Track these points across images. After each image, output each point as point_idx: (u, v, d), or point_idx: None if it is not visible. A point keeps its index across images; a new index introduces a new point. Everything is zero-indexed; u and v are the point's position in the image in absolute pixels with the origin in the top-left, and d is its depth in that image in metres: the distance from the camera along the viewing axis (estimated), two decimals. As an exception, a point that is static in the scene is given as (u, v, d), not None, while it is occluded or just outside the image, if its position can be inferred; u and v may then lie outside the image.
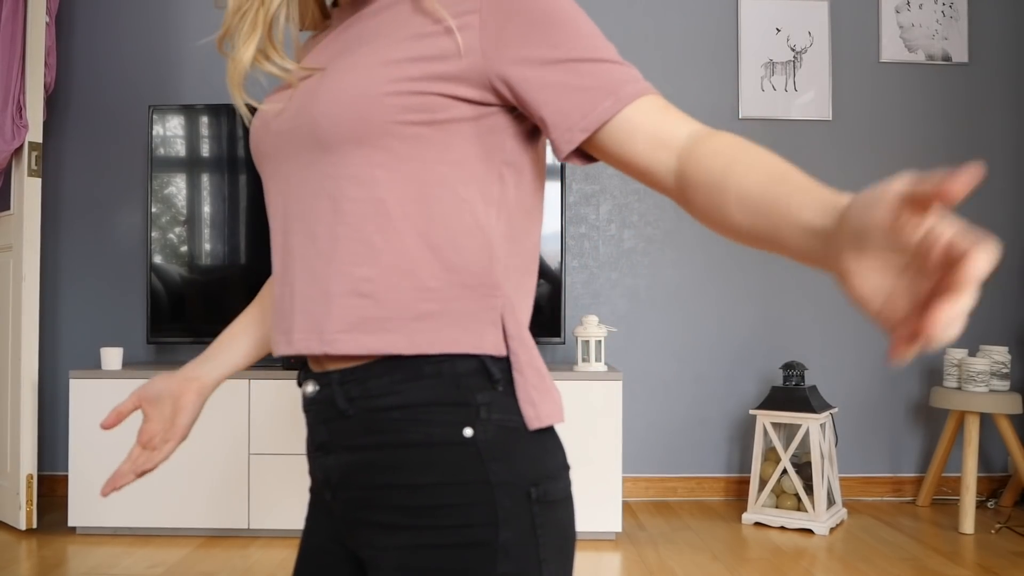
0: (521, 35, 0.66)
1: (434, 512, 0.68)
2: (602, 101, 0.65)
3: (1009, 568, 2.26)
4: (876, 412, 3.11)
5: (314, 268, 0.72)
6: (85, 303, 3.09)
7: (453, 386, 0.69)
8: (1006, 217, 3.15)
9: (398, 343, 0.69)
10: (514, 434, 0.70)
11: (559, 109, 0.66)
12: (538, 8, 0.67)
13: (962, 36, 3.13)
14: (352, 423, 0.72)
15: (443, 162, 0.69)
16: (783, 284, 3.12)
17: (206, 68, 3.11)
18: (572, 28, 0.67)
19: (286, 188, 0.76)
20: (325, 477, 0.75)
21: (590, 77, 0.66)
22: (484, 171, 0.71)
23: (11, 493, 2.60)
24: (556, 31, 0.66)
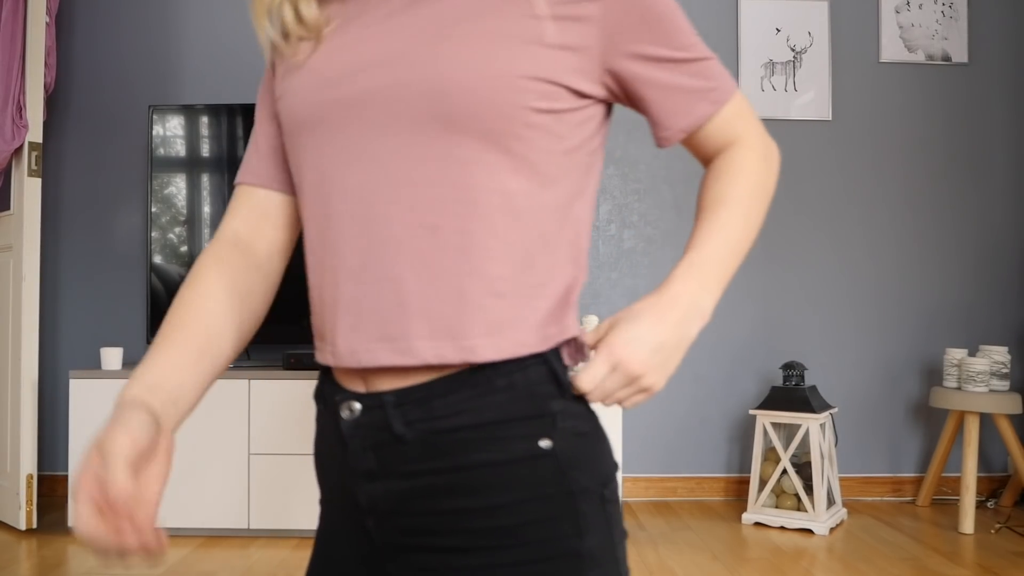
0: (636, 30, 0.67)
1: (515, 531, 0.65)
2: (699, 105, 0.71)
3: (1009, 568, 2.26)
4: (876, 412, 3.11)
5: (438, 265, 0.65)
6: (85, 303, 3.09)
7: (527, 398, 0.66)
8: (1006, 217, 3.15)
9: (529, 341, 0.66)
10: (584, 439, 0.68)
11: (664, 109, 0.70)
12: (649, 2, 0.68)
13: (962, 36, 3.13)
14: (410, 448, 0.66)
15: (558, 153, 0.67)
16: (783, 284, 3.12)
17: (206, 68, 3.11)
18: (678, 24, 0.69)
19: (369, 167, 0.66)
20: (369, 505, 0.69)
21: (693, 78, 0.70)
22: (583, 162, 0.70)
23: (11, 493, 2.60)
24: (665, 27, 0.68)
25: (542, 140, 0.66)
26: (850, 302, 3.13)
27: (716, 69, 0.71)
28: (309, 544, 2.47)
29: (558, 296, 0.68)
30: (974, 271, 3.13)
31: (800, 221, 3.13)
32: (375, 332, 0.66)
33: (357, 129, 0.67)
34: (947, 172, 3.15)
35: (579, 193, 0.70)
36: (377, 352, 0.66)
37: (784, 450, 2.68)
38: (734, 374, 3.09)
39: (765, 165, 0.74)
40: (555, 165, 0.67)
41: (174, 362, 0.69)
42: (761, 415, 2.74)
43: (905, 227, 3.14)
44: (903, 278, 3.13)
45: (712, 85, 0.71)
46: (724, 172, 0.73)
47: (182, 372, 0.69)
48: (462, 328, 0.64)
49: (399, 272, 0.65)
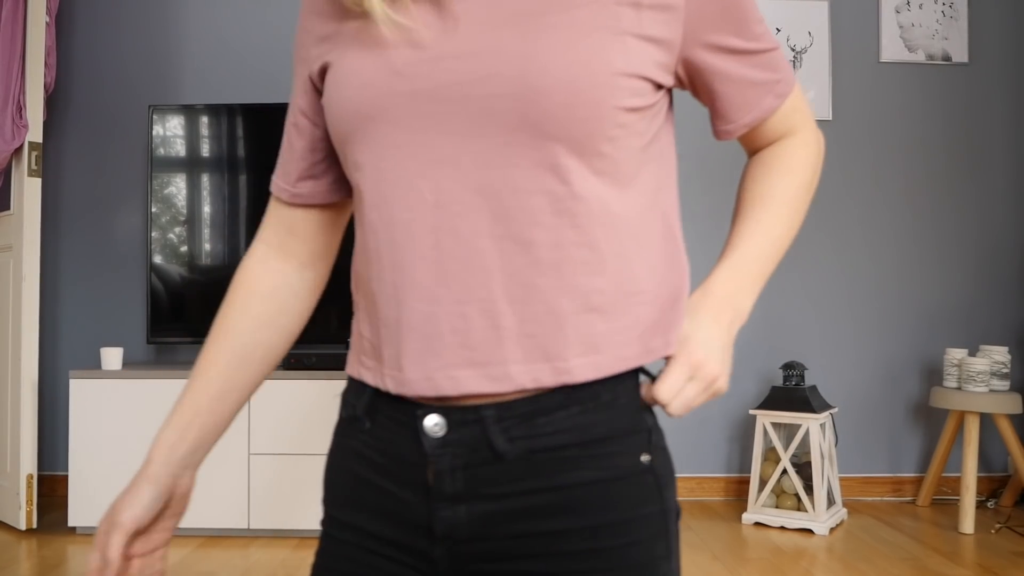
0: (717, 20, 0.64)
1: (615, 552, 0.61)
2: (765, 98, 0.69)
3: (1009, 568, 2.26)
4: (876, 412, 3.11)
5: (531, 282, 0.60)
6: (85, 303, 3.09)
7: (628, 412, 0.63)
8: (1006, 216, 3.15)
9: (630, 355, 0.62)
10: (667, 454, 0.67)
11: (732, 103, 0.69)
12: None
13: (962, 36, 3.13)
14: (508, 467, 0.61)
15: (638, 150, 0.63)
16: (783, 284, 3.12)
17: (206, 68, 3.11)
18: (753, 12, 0.67)
19: (444, 172, 0.60)
20: (446, 531, 0.63)
21: (760, 70, 0.68)
22: (659, 153, 0.66)
23: (11, 493, 2.60)
24: (743, 16, 0.66)
25: (629, 139, 0.61)
26: (850, 302, 3.12)
27: (781, 59, 0.70)
28: (309, 544, 2.47)
29: (662, 304, 0.65)
30: (974, 271, 3.13)
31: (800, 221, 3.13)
32: (459, 358, 0.61)
33: (429, 128, 0.61)
34: (947, 172, 3.14)
35: (661, 186, 0.66)
36: (462, 380, 0.60)
37: (784, 450, 2.68)
38: (734, 374, 3.09)
39: (815, 161, 0.74)
40: (637, 162, 0.63)
41: (197, 407, 0.72)
42: (761, 415, 2.74)
43: (905, 227, 3.14)
44: (903, 278, 3.13)
45: (777, 77, 0.70)
46: (775, 168, 0.72)
47: (205, 415, 0.72)
48: (557, 349, 0.60)
49: (488, 292, 0.60)
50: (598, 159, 0.60)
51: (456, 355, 0.60)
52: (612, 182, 0.61)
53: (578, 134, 0.59)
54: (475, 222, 0.60)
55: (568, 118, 0.58)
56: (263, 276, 0.75)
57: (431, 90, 0.60)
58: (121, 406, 2.54)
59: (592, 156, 0.60)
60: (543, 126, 0.58)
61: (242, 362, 0.74)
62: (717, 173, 3.13)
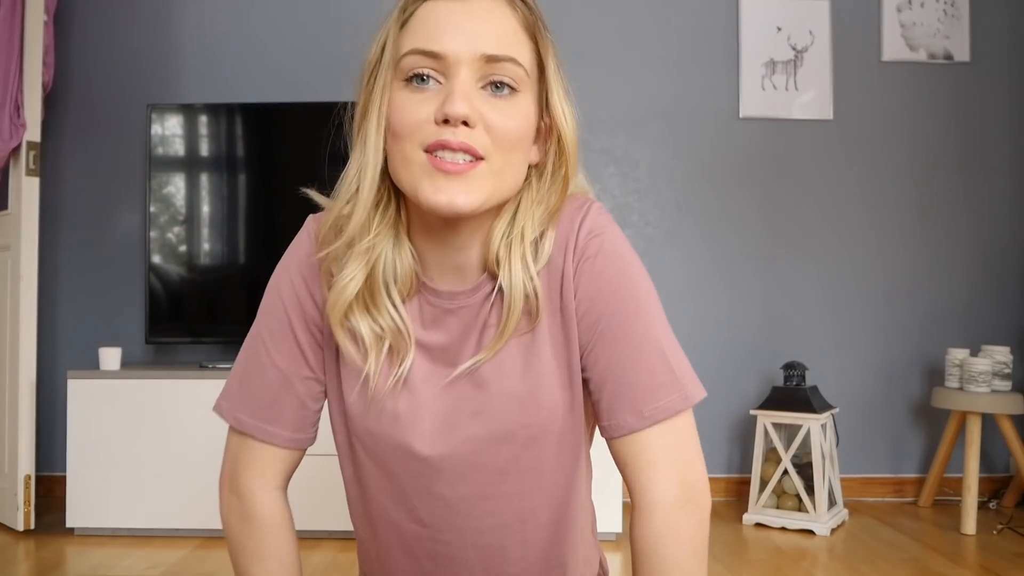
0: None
1: None
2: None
3: (1011, 569, 2.25)
4: (877, 412, 3.10)
5: (499, 570, 0.85)
6: (83, 303, 3.08)
7: None
8: (1007, 216, 3.14)
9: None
10: None
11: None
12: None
13: (964, 35, 3.12)
14: None
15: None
16: (784, 284, 3.11)
17: (205, 67, 3.10)
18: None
19: (430, 505, 0.83)
20: None
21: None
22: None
23: (9, 494, 2.59)
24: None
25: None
26: (851, 302, 3.12)
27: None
28: (309, 544, 2.46)
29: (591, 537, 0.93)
30: (976, 270, 3.12)
31: (801, 220, 3.12)
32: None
33: (427, 480, 0.82)
34: (949, 171, 3.14)
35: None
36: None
37: (785, 450, 2.67)
38: (735, 374, 3.08)
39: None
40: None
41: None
42: (762, 415, 2.73)
43: (906, 227, 3.13)
44: (905, 278, 3.12)
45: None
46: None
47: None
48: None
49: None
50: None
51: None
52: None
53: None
54: (457, 538, 0.86)
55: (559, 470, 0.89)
56: (284, 510, 0.90)
57: (436, 462, 0.85)
58: (119, 406, 2.53)
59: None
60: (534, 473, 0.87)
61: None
62: (717, 173, 3.12)
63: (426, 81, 0.73)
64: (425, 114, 0.72)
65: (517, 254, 0.77)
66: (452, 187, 0.71)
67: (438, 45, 0.72)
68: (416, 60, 0.72)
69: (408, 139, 0.72)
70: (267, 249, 2.88)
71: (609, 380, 0.79)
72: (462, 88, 0.71)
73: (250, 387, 0.85)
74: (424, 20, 0.73)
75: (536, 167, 0.81)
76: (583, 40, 3.09)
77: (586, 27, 3.10)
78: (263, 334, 0.85)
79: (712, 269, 3.11)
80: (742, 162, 3.12)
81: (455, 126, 0.71)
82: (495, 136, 0.73)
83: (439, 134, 0.71)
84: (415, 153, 0.72)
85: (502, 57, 0.73)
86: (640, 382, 0.79)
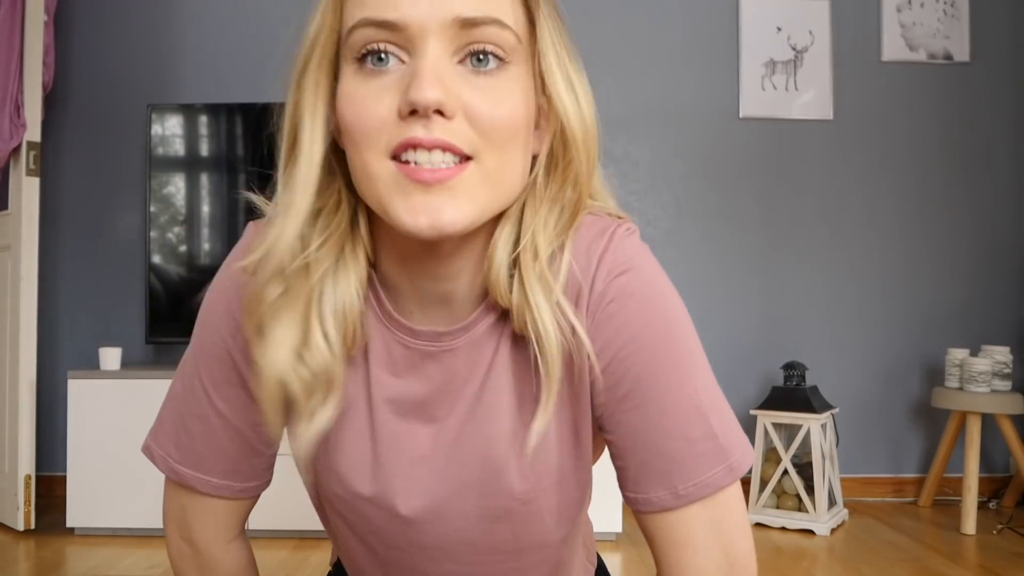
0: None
1: None
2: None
3: (1011, 569, 2.25)
4: (877, 412, 3.10)
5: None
6: (83, 303, 3.08)
7: None
8: (1007, 216, 3.14)
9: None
10: None
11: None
12: None
13: (964, 35, 3.12)
14: None
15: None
16: (784, 284, 3.11)
17: (205, 67, 3.10)
18: None
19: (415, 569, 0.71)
20: None
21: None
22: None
23: (9, 494, 2.59)
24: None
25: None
26: (851, 302, 3.12)
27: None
28: (309, 544, 2.46)
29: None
30: (976, 270, 3.12)
31: (801, 220, 3.12)
32: None
33: (408, 555, 0.69)
34: (949, 171, 3.14)
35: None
36: None
37: (785, 450, 2.67)
38: (735, 374, 3.08)
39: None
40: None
41: None
42: (762, 415, 2.73)
43: (906, 226, 3.13)
44: (904, 277, 3.12)
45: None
46: None
47: None
48: None
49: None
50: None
51: None
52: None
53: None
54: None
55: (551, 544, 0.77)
56: (246, 556, 0.79)
57: (439, 531, 0.73)
58: (120, 406, 2.53)
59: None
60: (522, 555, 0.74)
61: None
62: (717, 173, 3.12)
63: (385, 60, 0.55)
64: (386, 107, 0.54)
65: (533, 276, 0.59)
66: (432, 202, 0.54)
67: (395, 12, 0.53)
68: (367, 34, 0.54)
69: (368, 144, 0.55)
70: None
71: (637, 449, 0.62)
72: (431, 66, 0.53)
73: (189, 435, 0.69)
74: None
75: (541, 158, 0.62)
76: (583, 40, 3.06)
77: (586, 27, 3.10)
78: (201, 374, 0.69)
79: (712, 269, 3.11)
80: (742, 162, 3.12)
81: (426, 117, 0.53)
82: (481, 127, 0.55)
83: (406, 131, 0.54)
84: (380, 163, 0.55)
85: (481, 19, 0.54)
86: (675, 453, 0.62)
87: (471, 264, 0.62)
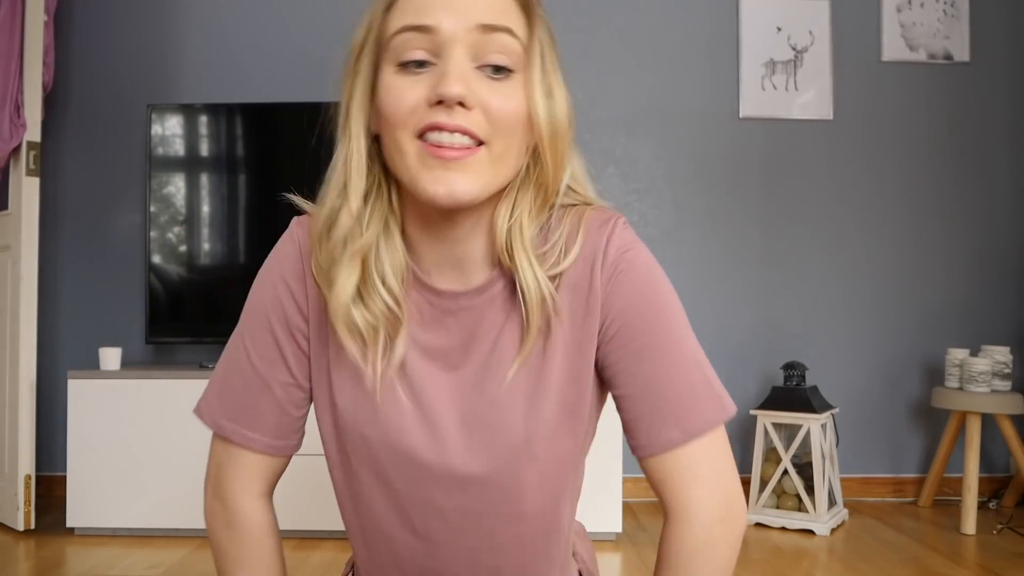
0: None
1: None
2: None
3: (1010, 569, 2.25)
4: (877, 412, 3.10)
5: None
6: (83, 303, 3.08)
7: None
8: (1007, 216, 3.14)
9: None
10: None
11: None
12: None
13: (964, 35, 3.12)
14: None
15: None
16: (784, 284, 3.11)
17: (205, 67, 3.10)
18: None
19: (429, 521, 0.80)
20: None
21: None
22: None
23: (9, 494, 2.59)
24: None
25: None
26: (851, 302, 3.12)
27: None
28: (309, 544, 2.46)
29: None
30: (976, 270, 3.12)
31: (801, 220, 3.12)
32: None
33: (424, 488, 0.78)
34: (948, 171, 3.14)
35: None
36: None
37: (785, 450, 2.67)
38: (735, 374, 3.08)
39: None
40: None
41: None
42: (762, 415, 2.73)
43: (907, 226, 3.13)
44: (904, 278, 3.12)
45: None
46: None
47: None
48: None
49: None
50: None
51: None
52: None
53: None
54: (450, 553, 0.83)
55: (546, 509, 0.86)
56: (269, 517, 0.90)
57: (455, 481, 0.83)
58: (120, 406, 2.53)
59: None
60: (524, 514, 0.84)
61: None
62: (717, 173, 3.12)
63: (423, 66, 0.69)
64: (416, 97, 0.68)
65: (519, 245, 0.74)
66: (451, 176, 0.68)
67: (430, 18, 0.68)
68: (407, 38, 0.69)
69: (401, 126, 0.69)
70: (267, 249, 2.86)
71: (649, 396, 0.76)
72: (457, 67, 0.67)
73: (230, 391, 0.82)
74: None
75: (534, 151, 0.77)
76: (583, 40, 3.09)
77: (586, 27, 3.10)
78: (244, 338, 0.82)
79: (712, 269, 3.11)
80: (742, 162, 3.12)
81: (450, 107, 0.67)
82: (494, 119, 0.69)
83: (432, 116, 0.68)
84: (409, 143, 0.69)
85: (498, 27, 0.69)
86: (681, 396, 0.76)
87: (479, 230, 0.76)
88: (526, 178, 0.76)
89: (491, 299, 0.77)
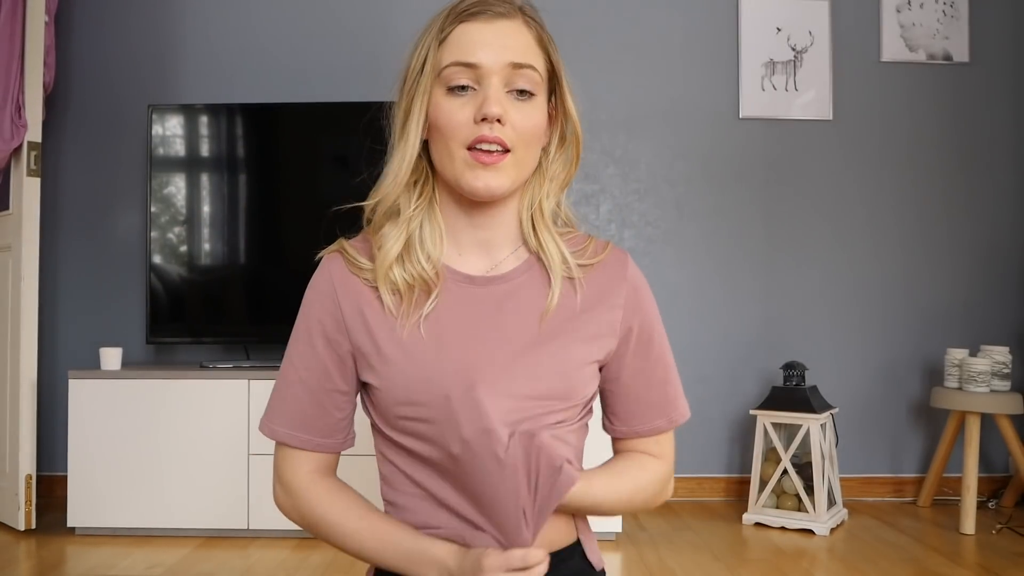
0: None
1: None
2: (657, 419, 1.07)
3: (1010, 568, 2.26)
4: (877, 412, 3.10)
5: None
6: (84, 303, 3.08)
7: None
8: (1007, 217, 3.14)
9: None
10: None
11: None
12: None
13: (963, 35, 3.12)
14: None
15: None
16: (784, 284, 3.12)
17: (205, 68, 3.10)
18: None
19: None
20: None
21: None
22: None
23: (10, 494, 2.59)
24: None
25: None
26: (851, 302, 3.12)
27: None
28: (309, 544, 2.46)
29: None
30: (975, 271, 3.13)
31: (801, 221, 3.13)
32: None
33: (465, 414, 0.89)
34: (948, 172, 3.14)
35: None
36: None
37: (785, 450, 2.67)
38: (735, 374, 3.09)
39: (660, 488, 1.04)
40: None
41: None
42: (762, 415, 2.73)
43: (906, 227, 3.13)
44: (904, 278, 3.12)
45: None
46: (647, 468, 1.02)
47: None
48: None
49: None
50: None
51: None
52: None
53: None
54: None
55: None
56: (336, 481, 0.99)
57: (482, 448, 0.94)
58: (120, 406, 2.53)
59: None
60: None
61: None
62: (717, 173, 3.13)
63: (466, 90, 0.90)
64: (465, 116, 0.90)
65: (542, 225, 0.97)
66: (487, 175, 0.90)
67: (474, 57, 0.90)
68: (456, 71, 0.90)
69: (452, 137, 0.90)
70: (267, 249, 2.89)
71: (640, 387, 0.99)
72: (495, 93, 0.89)
73: (283, 402, 0.97)
74: (460, 38, 0.91)
75: (544, 149, 0.98)
76: (584, 40, 3.10)
77: (587, 27, 3.10)
78: (292, 355, 0.98)
79: (712, 269, 3.11)
80: (742, 162, 3.12)
81: (491, 123, 0.89)
82: (520, 132, 0.91)
83: (478, 131, 0.89)
84: (459, 150, 0.90)
85: (524, 64, 0.91)
86: (668, 393, 1.00)
87: (505, 217, 0.97)
88: (539, 172, 0.98)
89: (518, 284, 0.96)
